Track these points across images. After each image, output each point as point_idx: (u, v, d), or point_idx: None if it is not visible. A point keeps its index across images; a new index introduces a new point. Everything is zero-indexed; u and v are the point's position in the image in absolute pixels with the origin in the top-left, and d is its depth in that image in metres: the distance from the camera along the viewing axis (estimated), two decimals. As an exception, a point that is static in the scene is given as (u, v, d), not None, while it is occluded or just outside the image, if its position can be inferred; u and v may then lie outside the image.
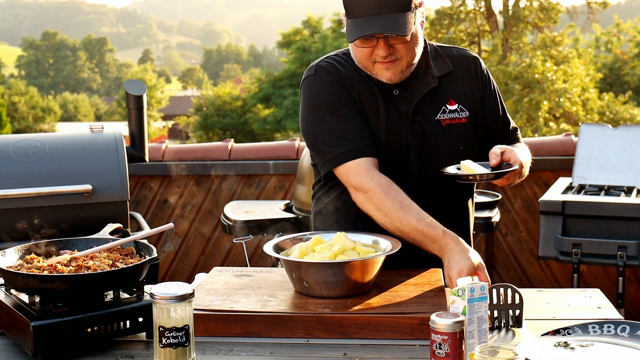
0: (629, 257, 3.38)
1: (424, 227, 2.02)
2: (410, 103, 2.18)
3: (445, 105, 2.21)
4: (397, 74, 2.12)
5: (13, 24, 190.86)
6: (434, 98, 2.21)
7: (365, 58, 2.11)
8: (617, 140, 3.98)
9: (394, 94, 2.19)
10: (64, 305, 1.69)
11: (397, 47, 2.08)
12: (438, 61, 2.24)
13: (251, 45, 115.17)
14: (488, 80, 2.31)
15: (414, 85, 2.19)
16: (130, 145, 3.83)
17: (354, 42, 2.08)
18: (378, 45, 2.07)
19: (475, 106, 2.26)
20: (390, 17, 2.02)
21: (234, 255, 4.80)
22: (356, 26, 2.04)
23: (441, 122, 2.20)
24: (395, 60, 2.10)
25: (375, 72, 2.13)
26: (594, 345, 1.66)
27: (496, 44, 22.81)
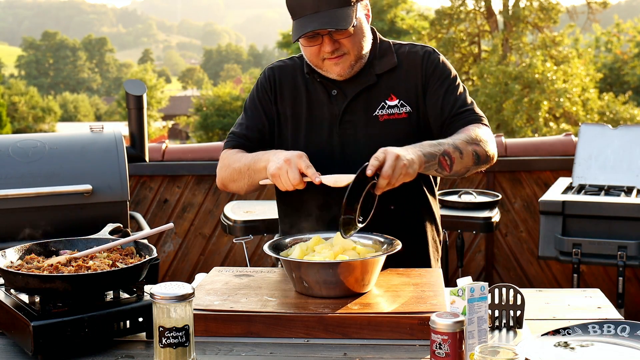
0: (629, 257, 3.38)
1: (256, 153, 2.18)
2: (342, 103, 2.23)
3: (385, 101, 2.23)
4: (346, 69, 2.18)
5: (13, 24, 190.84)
6: (372, 95, 2.23)
7: (314, 56, 2.18)
8: (617, 140, 3.98)
9: (332, 94, 2.25)
10: (64, 305, 1.69)
11: (342, 42, 2.14)
12: (384, 58, 2.26)
13: (251, 45, 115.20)
14: (435, 69, 2.26)
15: (352, 85, 2.24)
16: (130, 145, 3.83)
17: (300, 41, 2.15)
18: (324, 42, 2.13)
19: (418, 100, 2.24)
20: (330, 13, 2.08)
21: (234, 255, 4.80)
22: (298, 26, 2.11)
23: (378, 118, 2.22)
24: (343, 55, 2.16)
25: (326, 69, 2.20)
26: (594, 345, 1.66)
27: (496, 44, 22.81)
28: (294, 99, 2.30)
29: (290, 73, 2.34)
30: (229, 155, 2.30)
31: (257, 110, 2.34)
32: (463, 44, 24.57)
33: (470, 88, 23.33)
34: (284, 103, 2.32)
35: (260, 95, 2.35)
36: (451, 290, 1.64)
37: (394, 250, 1.93)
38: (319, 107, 2.27)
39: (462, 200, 3.82)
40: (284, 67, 2.37)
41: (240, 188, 2.26)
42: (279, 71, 2.36)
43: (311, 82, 2.29)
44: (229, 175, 2.26)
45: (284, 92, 2.32)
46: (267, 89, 2.34)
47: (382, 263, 1.94)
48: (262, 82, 2.37)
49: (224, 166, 2.29)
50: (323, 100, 2.26)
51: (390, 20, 30.87)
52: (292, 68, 2.35)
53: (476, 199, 3.85)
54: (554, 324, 1.84)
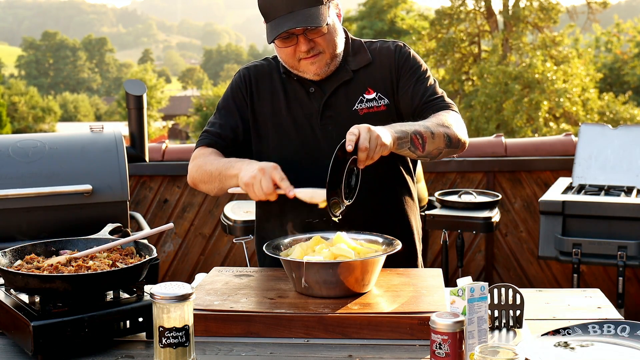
0: (629, 257, 3.38)
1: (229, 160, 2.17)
2: (321, 99, 2.25)
3: (363, 95, 2.26)
4: (322, 67, 2.21)
5: (13, 24, 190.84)
6: (350, 90, 2.26)
7: (290, 57, 2.20)
8: (617, 140, 3.98)
9: (310, 92, 2.27)
10: (64, 305, 1.69)
11: (317, 40, 2.16)
12: (358, 55, 2.30)
13: (251, 45, 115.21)
14: (406, 61, 2.30)
15: (329, 81, 2.26)
16: (130, 145, 3.83)
17: (275, 43, 2.16)
18: (299, 42, 2.15)
19: (393, 92, 2.28)
20: (303, 12, 2.10)
21: (234, 255, 4.80)
22: (273, 27, 2.13)
23: (359, 112, 2.24)
24: (319, 54, 2.18)
25: (302, 69, 2.22)
26: (594, 345, 1.66)
27: (496, 44, 22.81)
28: (271, 99, 2.31)
29: (266, 73, 2.35)
30: (202, 154, 2.29)
31: (231, 110, 2.34)
32: (463, 44, 24.57)
33: (471, 88, 23.35)
34: (262, 102, 2.32)
35: (235, 95, 2.35)
36: (451, 290, 1.64)
37: (394, 250, 1.93)
38: (298, 105, 2.28)
39: (462, 200, 3.82)
40: (259, 67, 2.38)
41: (210, 190, 2.26)
42: (254, 71, 2.36)
43: (288, 81, 2.30)
44: (200, 176, 2.25)
45: (260, 91, 2.33)
46: (242, 88, 2.35)
47: (382, 263, 1.94)
48: (237, 82, 2.37)
49: (196, 165, 2.27)
50: (301, 98, 2.28)
51: (390, 20, 30.87)
52: (267, 68, 2.36)
53: (476, 199, 3.85)
54: (554, 324, 1.84)
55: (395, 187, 2.33)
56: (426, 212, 3.72)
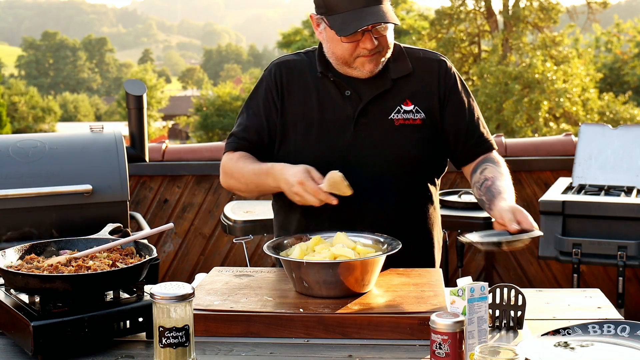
0: (629, 257, 3.38)
1: (258, 167, 2.18)
2: (358, 105, 2.20)
3: (401, 105, 2.21)
4: (377, 66, 2.17)
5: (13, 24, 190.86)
6: (388, 99, 2.21)
7: (349, 53, 2.13)
8: (617, 140, 3.98)
9: (345, 95, 2.21)
10: (64, 305, 1.69)
11: (380, 39, 2.12)
12: (399, 63, 2.24)
13: (251, 45, 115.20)
14: (454, 85, 2.27)
15: (367, 87, 2.20)
16: (130, 145, 3.83)
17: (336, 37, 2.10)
18: (364, 39, 2.09)
19: (433, 109, 2.23)
20: (379, 8, 2.06)
21: (234, 255, 4.80)
22: (348, 20, 2.05)
23: (394, 122, 2.20)
24: (377, 53, 2.14)
25: (356, 66, 2.16)
26: (594, 345, 1.66)
27: (496, 44, 22.82)
28: (303, 98, 2.24)
29: (298, 70, 2.27)
30: (231, 161, 2.27)
31: (259, 110, 2.28)
32: (463, 44, 24.57)
33: (471, 88, 23.31)
34: (292, 101, 2.25)
35: (264, 95, 2.28)
36: (451, 290, 1.64)
37: (394, 250, 1.93)
38: (331, 108, 2.21)
39: (462, 200, 3.81)
40: (291, 62, 2.29)
41: (249, 196, 2.31)
42: (286, 67, 2.28)
43: (322, 80, 2.23)
44: (235, 185, 2.27)
45: (292, 90, 2.26)
46: (273, 88, 2.27)
47: (382, 263, 1.94)
48: (268, 81, 2.29)
49: (228, 174, 2.28)
50: (336, 101, 2.21)
51: (390, 20, 30.78)
52: (300, 64, 2.28)
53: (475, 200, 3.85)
54: (554, 324, 1.84)
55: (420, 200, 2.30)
56: (426, 212, 3.72)
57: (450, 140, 2.26)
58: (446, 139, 2.26)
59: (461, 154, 2.29)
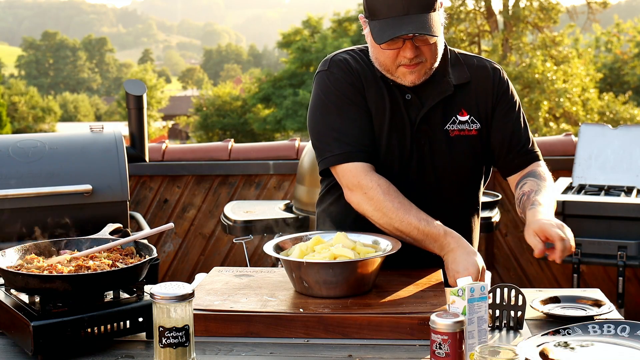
0: (629, 257, 3.38)
1: (425, 226, 2.01)
2: (420, 110, 2.14)
3: (456, 115, 2.15)
4: (420, 77, 2.09)
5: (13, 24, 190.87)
6: (446, 107, 2.15)
7: (390, 61, 2.06)
8: (617, 140, 3.98)
9: (406, 99, 2.14)
10: (64, 305, 1.69)
11: (422, 49, 2.04)
12: (457, 69, 2.18)
13: (251, 45, 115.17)
14: (505, 91, 2.22)
15: (429, 92, 2.14)
16: (130, 145, 3.83)
17: (382, 44, 2.02)
18: (404, 47, 2.02)
19: (488, 117, 2.19)
20: (420, 17, 1.98)
21: (234, 255, 4.80)
22: (386, 27, 1.99)
23: (449, 133, 2.15)
24: (420, 63, 2.06)
25: (398, 75, 2.09)
26: (594, 345, 1.66)
27: (496, 44, 22.81)
28: (375, 96, 2.14)
29: (363, 66, 2.17)
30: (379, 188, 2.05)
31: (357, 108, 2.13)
32: (463, 44, 24.54)
33: (470, 88, 23.33)
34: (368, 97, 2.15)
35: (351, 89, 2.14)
36: (451, 290, 1.64)
37: (394, 250, 1.93)
38: (398, 110, 2.14)
39: (462, 200, 3.81)
40: (354, 59, 2.18)
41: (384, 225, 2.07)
42: (353, 62, 2.17)
43: (385, 82, 2.15)
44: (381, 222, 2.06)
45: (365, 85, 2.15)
46: (355, 81, 2.14)
47: (382, 263, 1.94)
48: (344, 76, 2.15)
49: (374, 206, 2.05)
50: (399, 103, 2.14)
51: (390, 20, 30.75)
52: (361, 62, 2.18)
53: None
54: (554, 324, 1.84)
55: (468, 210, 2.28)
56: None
57: (496, 147, 2.21)
58: (492, 146, 2.22)
59: (504, 163, 2.24)
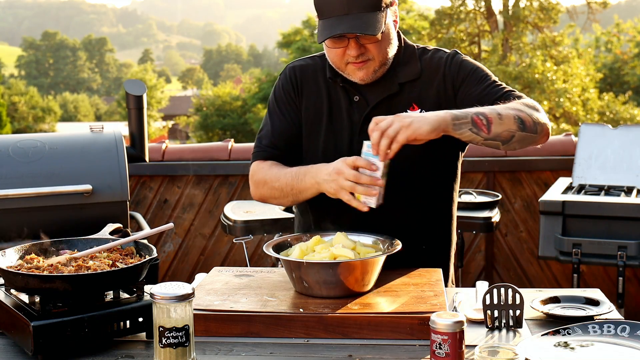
0: (629, 257, 3.38)
1: (296, 171, 2.13)
2: (364, 110, 2.19)
3: (407, 110, 2.18)
4: (369, 74, 2.13)
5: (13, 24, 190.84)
6: (394, 104, 2.18)
7: (338, 59, 2.13)
8: (617, 140, 3.98)
9: (354, 100, 2.20)
10: (64, 305, 1.69)
11: (368, 47, 2.09)
12: (407, 66, 2.21)
13: (251, 45, 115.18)
14: (460, 72, 2.19)
15: (374, 92, 2.19)
16: (130, 145, 3.83)
17: (325, 43, 2.09)
18: (349, 46, 2.08)
19: (449, 106, 2.14)
20: (360, 17, 2.02)
21: (234, 255, 4.80)
22: (326, 26, 2.05)
23: None
24: (367, 61, 2.10)
25: (348, 73, 2.15)
26: (594, 345, 1.66)
27: (496, 44, 22.82)
28: (315, 102, 2.25)
29: (311, 73, 2.28)
30: (263, 169, 2.23)
31: (282, 115, 2.27)
32: (463, 44, 24.57)
33: (470, 88, 23.33)
34: (305, 104, 2.26)
35: (284, 98, 2.28)
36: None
37: (394, 250, 1.93)
38: (339, 113, 2.21)
39: (462, 200, 3.81)
40: (305, 66, 2.30)
41: (282, 204, 2.24)
42: (300, 71, 2.29)
43: (333, 85, 2.23)
44: (269, 192, 2.21)
45: (304, 93, 2.26)
46: (290, 90, 2.28)
47: (382, 263, 1.94)
48: (284, 84, 2.30)
49: (261, 182, 2.23)
50: (344, 106, 2.21)
51: (390, 20, 30.78)
52: (313, 68, 2.29)
53: (476, 199, 3.85)
54: (554, 324, 1.84)
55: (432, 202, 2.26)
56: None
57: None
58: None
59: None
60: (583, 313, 1.87)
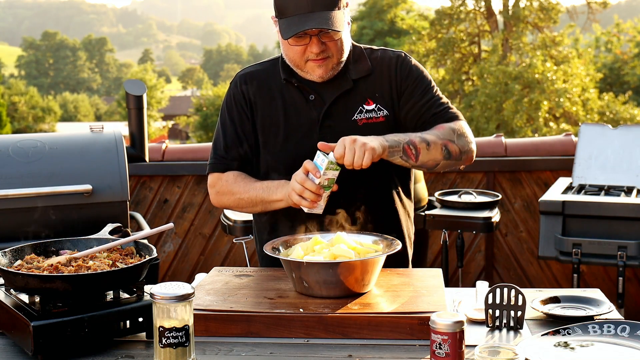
0: (629, 257, 3.38)
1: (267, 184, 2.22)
2: (322, 108, 2.25)
3: (362, 105, 2.26)
4: (328, 71, 2.21)
5: (13, 24, 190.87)
6: (350, 100, 2.26)
7: (299, 56, 2.19)
8: (617, 140, 3.98)
9: (309, 99, 2.26)
10: (64, 305, 1.69)
11: (328, 44, 2.17)
12: (358, 64, 2.29)
13: (251, 45, 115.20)
14: (410, 75, 2.30)
15: (329, 90, 2.26)
16: (130, 145, 3.83)
17: (289, 40, 2.15)
18: (311, 43, 2.15)
19: (394, 104, 2.28)
20: (323, 14, 2.10)
21: (234, 255, 4.80)
22: (291, 24, 2.12)
23: (357, 122, 2.25)
24: (327, 58, 2.19)
25: (307, 70, 2.22)
26: (594, 345, 1.66)
27: (496, 44, 22.81)
28: (269, 106, 2.30)
29: (263, 79, 2.33)
30: (227, 182, 2.30)
31: (233, 124, 2.33)
32: (463, 44, 24.57)
33: (471, 88, 23.35)
34: (260, 111, 2.31)
35: (235, 107, 2.34)
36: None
37: (394, 250, 1.93)
38: (296, 113, 2.27)
39: (462, 200, 3.82)
40: (255, 73, 2.36)
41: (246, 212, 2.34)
42: (250, 78, 2.35)
43: (287, 87, 2.29)
44: (235, 202, 2.29)
45: (257, 100, 2.32)
46: (240, 99, 2.33)
47: (382, 263, 1.94)
48: (235, 93, 2.35)
49: (226, 193, 2.30)
50: (300, 106, 2.27)
51: (390, 20, 30.87)
52: (264, 74, 2.35)
53: (476, 199, 3.85)
54: (554, 324, 1.84)
55: (389, 192, 2.33)
56: (426, 212, 3.72)
57: (410, 124, 2.28)
58: (406, 126, 2.28)
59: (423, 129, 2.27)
60: (583, 313, 1.87)
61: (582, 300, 1.96)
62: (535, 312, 1.92)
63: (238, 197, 2.27)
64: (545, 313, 1.88)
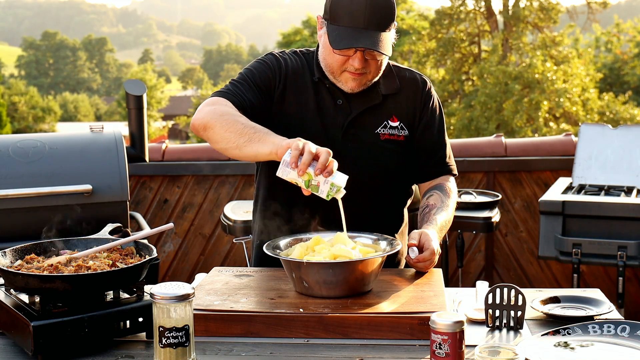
0: (629, 257, 3.38)
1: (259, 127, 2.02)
2: (348, 115, 2.25)
3: (387, 121, 2.30)
4: (360, 86, 2.22)
5: (13, 24, 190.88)
6: (376, 113, 2.29)
7: (338, 65, 2.18)
8: (617, 140, 3.98)
9: (337, 104, 2.26)
10: (64, 305, 1.69)
11: (370, 62, 2.17)
12: (388, 79, 2.32)
13: (251, 45, 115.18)
14: (432, 104, 2.36)
15: (359, 99, 2.26)
16: (130, 145, 3.83)
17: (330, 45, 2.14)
18: (354, 57, 2.14)
19: (413, 127, 2.32)
20: (376, 35, 2.10)
21: (234, 255, 4.80)
22: (343, 36, 2.10)
23: (380, 136, 2.28)
24: (364, 74, 2.19)
25: (341, 80, 2.22)
26: (594, 345, 1.66)
27: (496, 44, 22.80)
28: (299, 99, 2.27)
29: (299, 69, 2.31)
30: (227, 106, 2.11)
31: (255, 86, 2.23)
32: (463, 44, 24.55)
33: (471, 88, 23.34)
34: (290, 99, 2.26)
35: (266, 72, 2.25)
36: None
37: (394, 250, 1.93)
38: (326, 114, 2.26)
39: (462, 200, 3.82)
40: (293, 61, 2.32)
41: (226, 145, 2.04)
42: (291, 63, 2.31)
43: (318, 85, 2.28)
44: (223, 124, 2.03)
45: (290, 87, 2.27)
46: (276, 72, 2.26)
47: (382, 263, 1.94)
48: (272, 63, 2.28)
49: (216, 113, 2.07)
50: (329, 108, 2.27)
51: (390, 20, 30.75)
52: (301, 65, 2.32)
53: (476, 199, 3.85)
54: (554, 324, 1.84)
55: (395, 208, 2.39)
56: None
57: (415, 153, 2.35)
58: (416, 154, 2.35)
59: (420, 169, 2.37)
60: (583, 313, 1.87)
61: (582, 300, 1.96)
62: (535, 312, 1.92)
63: (232, 119, 2.03)
64: (545, 313, 1.88)
